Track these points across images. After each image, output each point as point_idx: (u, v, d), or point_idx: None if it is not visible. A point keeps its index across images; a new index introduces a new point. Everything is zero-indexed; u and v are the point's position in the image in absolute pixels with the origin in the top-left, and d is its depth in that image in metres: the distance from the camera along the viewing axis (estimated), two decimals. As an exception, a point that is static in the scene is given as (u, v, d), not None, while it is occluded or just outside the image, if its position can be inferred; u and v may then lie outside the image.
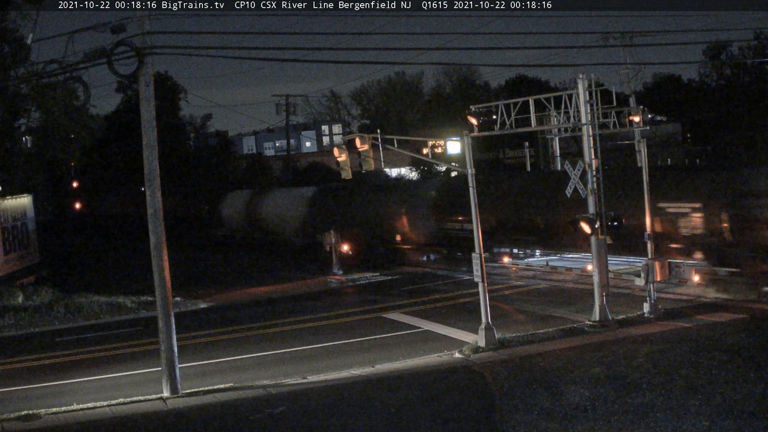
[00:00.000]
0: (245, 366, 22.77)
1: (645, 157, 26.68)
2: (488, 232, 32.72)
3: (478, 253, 23.01)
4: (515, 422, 15.78)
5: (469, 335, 23.66)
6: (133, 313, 32.47)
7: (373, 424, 16.45)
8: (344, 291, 35.71)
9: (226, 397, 19.11)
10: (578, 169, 24.74)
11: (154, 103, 19.93)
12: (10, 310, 32.36)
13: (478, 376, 19.62)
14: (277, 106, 68.00)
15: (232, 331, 27.90)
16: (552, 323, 25.08)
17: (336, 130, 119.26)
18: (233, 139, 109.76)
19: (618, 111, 28.93)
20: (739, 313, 24.37)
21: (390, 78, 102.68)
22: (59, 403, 19.36)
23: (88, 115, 43.38)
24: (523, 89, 63.29)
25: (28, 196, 43.42)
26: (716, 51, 66.89)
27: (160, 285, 19.94)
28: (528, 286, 32.89)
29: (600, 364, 19.59)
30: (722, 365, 18.55)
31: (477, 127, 24.92)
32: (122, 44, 18.76)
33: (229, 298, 35.39)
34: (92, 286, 38.20)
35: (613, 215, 24.61)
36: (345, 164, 25.09)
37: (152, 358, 22.39)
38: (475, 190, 23.17)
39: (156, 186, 19.88)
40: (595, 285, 24.34)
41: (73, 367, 23.73)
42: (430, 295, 32.13)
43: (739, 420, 14.93)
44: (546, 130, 33.14)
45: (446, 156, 60.37)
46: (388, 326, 26.71)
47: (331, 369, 21.28)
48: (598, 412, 15.96)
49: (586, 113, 24.71)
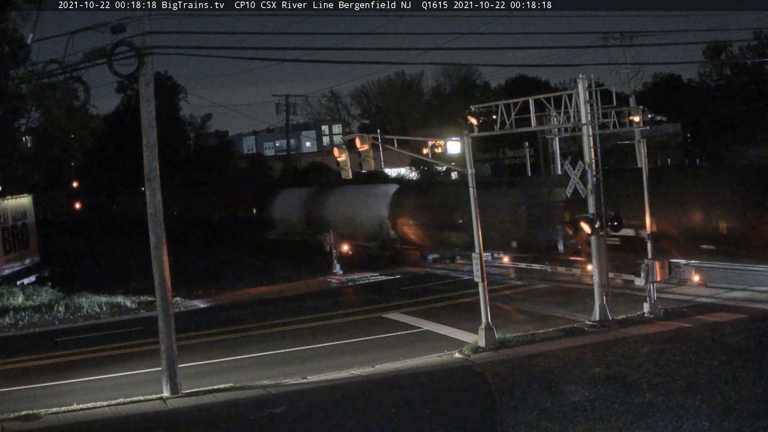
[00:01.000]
0: (245, 366, 22.77)
1: (645, 157, 26.69)
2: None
3: (478, 253, 23.02)
4: (515, 422, 15.77)
5: (469, 335, 23.65)
6: (133, 313, 32.47)
7: (373, 424, 16.44)
8: (344, 291, 35.71)
9: (226, 397, 19.10)
10: (578, 169, 24.74)
11: (154, 103, 19.95)
12: (10, 310, 32.36)
13: (478, 376, 19.61)
14: (277, 106, 68.21)
15: (232, 331, 27.90)
16: (552, 323, 25.07)
17: (336, 130, 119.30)
18: (233, 139, 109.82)
19: (618, 111, 28.91)
20: (739, 313, 24.38)
21: (390, 78, 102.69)
22: (59, 403, 19.35)
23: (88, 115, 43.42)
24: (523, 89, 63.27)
25: (28, 196, 43.44)
26: (716, 51, 66.92)
27: (160, 285, 19.94)
28: (528, 286, 32.89)
29: (600, 364, 19.58)
30: (722, 365, 18.55)
31: (477, 127, 24.89)
32: (122, 44, 18.76)
33: (229, 298, 35.40)
34: (91, 285, 38.16)
35: (614, 215, 24.61)
36: (345, 164, 25.12)
37: (152, 358, 22.38)
38: (475, 190, 23.19)
39: (156, 186, 19.87)
40: (595, 285, 24.33)
41: (73, 367, 23.72)
42: (430, 295, 32.13)
43: (739, 420, 14.93)
44: (546, 130, 33.11)
45: (446, 156, 60.31)
46: (388, 326, 26.70)
47: (331, 369, 21.28)
48: (598, 412, 15.96)
49: (586, 113, 24.70)
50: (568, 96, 25.39)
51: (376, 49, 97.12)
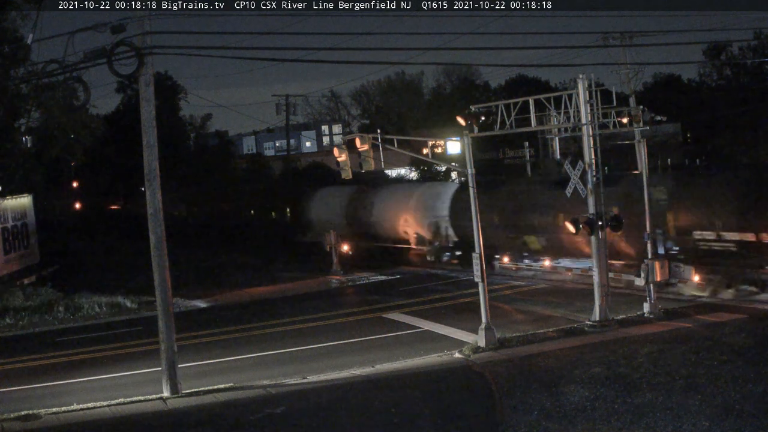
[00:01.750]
0: (245, 366, 22.77)
1: (645, 157, 26.68)
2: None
3: (478, 253, 23.03)
4: (515, 422, 15.77)
5: (469, 335, 23.65)
6: (133, 313, 32.48)
7: (373, 424, 16.44)
8: (344, 291, 35.72)
9: (226, 397, 19.10)
10: (578, 169, 24.74)
11: (154, 102, 19.94)
12: (10, 310, 32.37)
13: (478, 376, 19.61)
14: (277, 106, 67.96)
15: (232, 331, 27.91)
16: (552, 323, 25.08)
17: (336, 130, 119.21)
18: (233, 139, 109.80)
19: (618, 111, 28.90)
20: (739, 313, 24.38)
21: (390, 78, 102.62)
22: (59, 403, 19.35)
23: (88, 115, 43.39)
24: (523, 89, 63.28)
25: (28, 196, 43.44)
26: (716, 51, 66.93)
27: (160, 285, 19.94)
28: (528, 286, 32.89)
29: (600, 364, 19.58)
30: (722, 365, 18.55)
31: (477, 127, 24.90)
32: (122, 44, 18.76)
33: (229, 297, 35.41)
34: (91, 285, 38.17)
35: (613, 215, 24.61)
36: (345, 164, 25.16)
37: (152, 358, 22.38)
38: (476, 190, 23.20)
39: (156, 186, 19.88)
40: (595, 285, 24.33)
41: (73, 367, 23.72)
42: (430, 295, 32.14)
43: (739, 420, 14.92)
44: (546, 130, 33.07)
45: (446, 156, 60.30)
46: (389, 326, 26.71)
47: (331, 369, 21.28)
48: (598, 412, 15.96)
49: (586, 113, 24.71)
50: (568, 96, 25.39)
51: (376, 49, 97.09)
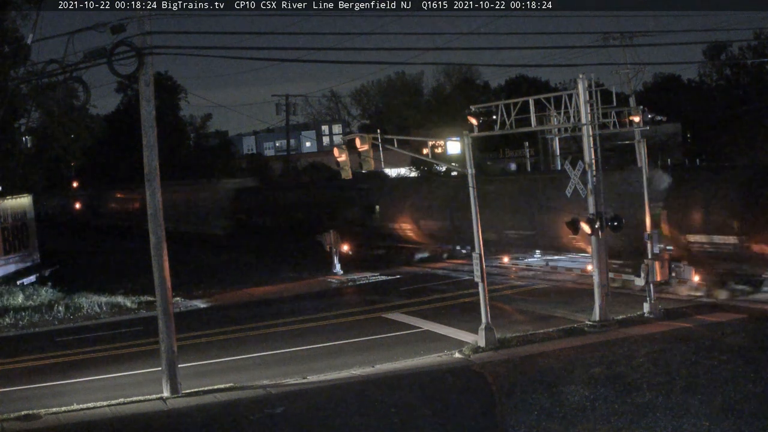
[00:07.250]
0: (245, 366, 22.76)
1: (645, 157, 26.66)
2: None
3: (478, 253, 23.03)
4: (515, 422, 15.78)
5: (469, 335, 23.65)
6: (133, 313, 32.47)
7: (373, 424, 16.45)
8: (344, 291, 35.70)
9: (226, 397, 19.10)
10: (578, 169, 24.73)
11: (154, 103, 19.95)
12: (10, 310, 32.35)
13: (478, 376, 19.61)
14: (277, 106, 68.01)
15: (232, 331, 27.90)
16: (552, 323, 25.07)
17: (336, 130, 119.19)
18: (233, 139, 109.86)
19: (618, 111, 28.90)
20: (739, 313, 24.38)
21: (390, 78, 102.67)
22: (59, 403, 19.35)
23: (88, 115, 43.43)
24: (523, 89, 63.35)
25: (28, 196, 43.44)
26: (716, 51, 66.99)
27: (160, 285, 19.94)
28: (528, 286, 32.88)
29: (600, 364, 19.58)
30: (722, 365, 18.55)
31: (477, 127, 24.89)
32: (122, 44, 18.77)
33: (229, 297, 35.39)
34: (91, 285, 38.15)
35: (614, 215, 24.60)
36: (345, 164, 25.13)
37: (152, 358, 22.38)
38: (475, 190, 23.21)
39: (156, 186, 19.87)
40: (595, 285, 24.32)
41: (73, 367, 23.71)
42: (430, 295, 32.13)
43: (739, 420, 14.93)
44: (546, 130, 33.09)
45: (446, 156, 60.32)
46: (388, 326, 26.70)
47: (331, 369, 21.27)
48: (598, 412, 15.96)
49: (586, 113, 24.70)
50: (568, 96, 25.38)
51: (376, 49, 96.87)
